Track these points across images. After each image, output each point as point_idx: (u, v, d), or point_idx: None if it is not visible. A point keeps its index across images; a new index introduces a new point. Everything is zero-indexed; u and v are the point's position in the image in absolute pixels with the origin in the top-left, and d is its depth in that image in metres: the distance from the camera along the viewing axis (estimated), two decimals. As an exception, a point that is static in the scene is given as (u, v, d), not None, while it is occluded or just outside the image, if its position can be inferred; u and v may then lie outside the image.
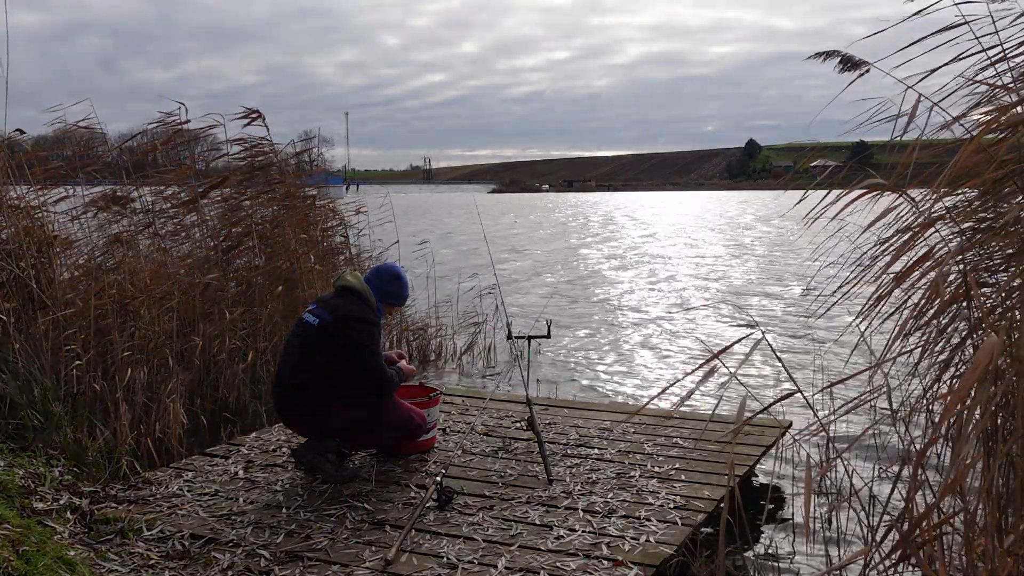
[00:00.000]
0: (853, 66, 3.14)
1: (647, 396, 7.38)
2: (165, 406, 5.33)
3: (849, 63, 3.15)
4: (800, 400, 2.59)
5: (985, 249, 3.07)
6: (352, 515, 3.78)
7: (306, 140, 8.55)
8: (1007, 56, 2.86)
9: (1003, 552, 2.18)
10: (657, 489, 4.12)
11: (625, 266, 20.07)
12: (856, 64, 3.13)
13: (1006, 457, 2.46)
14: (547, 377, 8.10)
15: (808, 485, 2.23)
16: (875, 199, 2.91)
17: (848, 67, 3.15)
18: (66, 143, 7.04)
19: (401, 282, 4.53)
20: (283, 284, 7.01)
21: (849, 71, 3.13)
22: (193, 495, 4.03)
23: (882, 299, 3.08)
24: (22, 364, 4.86)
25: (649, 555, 3.36)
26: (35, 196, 6.16)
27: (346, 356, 4.17)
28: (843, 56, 3.17)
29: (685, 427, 5.21)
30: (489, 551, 3.40)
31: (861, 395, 2.57)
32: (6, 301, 5.32)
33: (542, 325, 5.06)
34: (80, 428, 4.68)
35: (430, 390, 4.93)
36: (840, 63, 3.18)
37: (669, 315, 12.30)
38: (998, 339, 1.93)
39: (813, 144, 3.43)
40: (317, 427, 4.27)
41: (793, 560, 4.11)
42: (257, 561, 3.30)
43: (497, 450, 4.77)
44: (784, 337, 9.89)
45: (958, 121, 2.91)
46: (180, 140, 7.38)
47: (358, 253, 8.40)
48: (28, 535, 3.12)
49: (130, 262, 6.37)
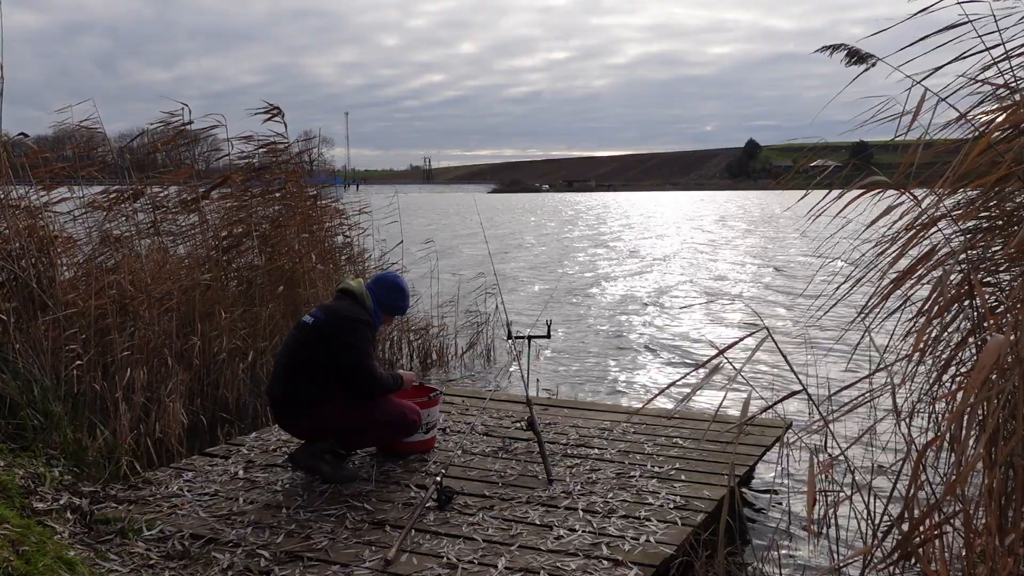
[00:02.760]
0: (860, 59, 3.14)
1: (647, 396, 7.37)
2: (165, 406, 5.33)
3: (856, 56, 3.15)
4: (800, 399, 2.59)
5: (988, 248, 3.07)
6: (352, 515, 3.77)
7: (307, 140, 8.56)
8: (1009, 55, 2.86)
9: (1003, 552, 2.17)
10: (657, 489, 4.11)
11: (625, 265, 20.07)
12: (863, 57, 3.13)
13: (1007, 458, 2.45)
14: (547, 377, 8.09)
15: (810, 484, 2.22)
16: (876, 199, 2.91)
17: (855, 60, 3.15)
18: (66, 143, 7.04)
19: (402, 293, 4.52)
20: (284, 284, 7.01)
21: (856, 64, 3.13)
22: (193, 495, 4.02)
23: (884, 298, 3.08)
24: (22, 364, 4.86)
25: (649, 555, 3.36)
26: (36, 196, 6.16)
27: (338, 356, 4.17)
28: (850, 49, 3.17)
29: (685, 427, 5.21)
30: (489, 551, 3.39)
31: (862, 394, 2.57)
32: (6, 301, 5.32)
33: (542, 325, 5.05)
34: (80, 428, 4.68)
35: (430, 390, 4.92)
36: (847, 56, 3.18)
37: (669, 315, 12.30)
38: (1004, 339, 1.92)
39: (813, 144, 3.43)
40: (314, 427, 4.26)
41: (793, 560, 4.10)
42: (257, 561, 3.29)
43: (497, 450, 4.76)
44: (784, 337, 9.89)
45: (965, 117, 2.90)
46: (183, 140, 7.39)
47: (360, 252, 8.40)
48: (28, 535, 3.12)
49: (130, 262, 6.37)
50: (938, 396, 3.20)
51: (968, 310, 2.93)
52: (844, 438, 5.16)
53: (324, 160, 9.01)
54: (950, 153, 2.89)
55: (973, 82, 2.95)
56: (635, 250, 24.95)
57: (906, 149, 2.84)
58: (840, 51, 3.20)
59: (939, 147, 3.01)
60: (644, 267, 19.70)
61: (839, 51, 3.21)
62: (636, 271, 18.86)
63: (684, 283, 16.35)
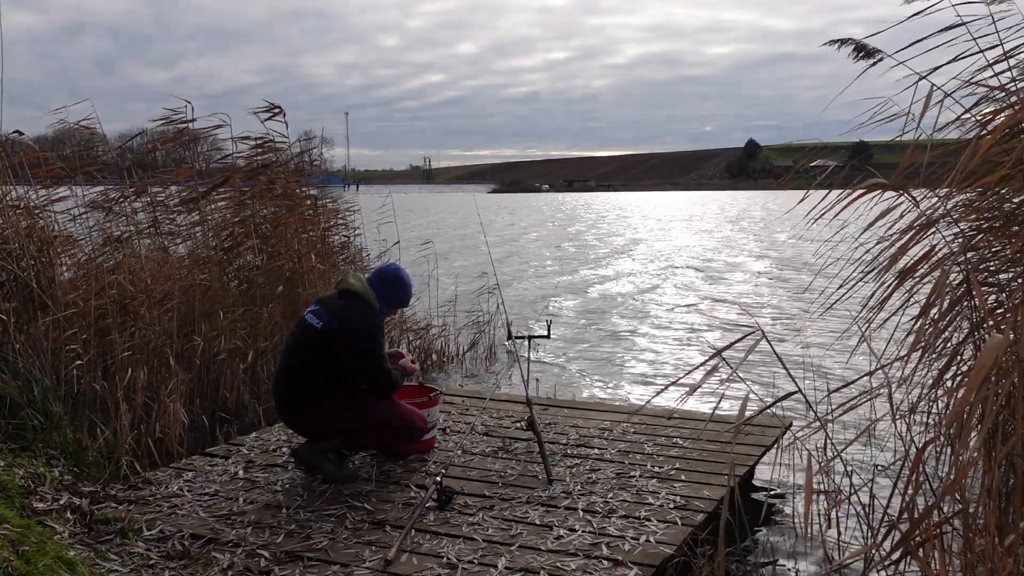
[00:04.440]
0: (867, 54, 3.14)
1: (647, 396, 7.37)
2: (165, 406, 5.33)
3: (863, 51, 3.16)
4: (799, 399, 2.59)
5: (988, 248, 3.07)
6: (352, 515, 3.78)
7: (307, 140, 8.55)
8: (1007, 56, 2.86)
9: (1003, 552, 2.18)
10: (657, 489, 4.11)
11: (626, 265, 20.07)
12: (870, 52, 3.13)
13: (1006, 458, 2.46)
14: (547, 377, 8.09)
15: (808, 484, 2.23)
16: (874, 201, 2.91)
17: (863, 55, 3.15)
18: (65, 143, 7.04)
19: (404, 284, 4.50)
20: (284, 284, 7.01)
21: (864, 59, 3.13)
22: (193, 495, 4.02)
23: (883, 299, 3.08)
24: (22, 364, 4.86)
25: (649, 555, 3.36)
26: (36, 196, 6.16)
27: (348, 360, 4.16)
28: (857, 44, 3.17)
29: (685, 427, 5.21)
30: (489, 551, 3.40)
31: (861, 394, 2.57)
32: (6, 301, 5.32)
33: (542, 325, 5.06)
34: (80, 428, 4.68)
35: (430, 390, 4.93)
36: (855, 50, 3.18)
37: (669, 314, 12.29)
38: (1003, 339, 1.92)
39: (813, 144, 3.43)
40: (316, 427, 4.27)
41: (793, 560, 4.11)
42: (257, 561, 3.30)
43: (497, 450, 4.77)
44: (783, 337, 9.88)
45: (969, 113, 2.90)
46: (184, 139, 7.39)
47: (359, 251, 8.40)
48: (28, 535, 3.12)
49: (131, 262, 6.37)
50: (939, 396, 3.20)
51: (967, 311, 2.93)
52: (844, 439, 5.17)
53: (324, 160, 9.00)
54: (950, 154, 2.90)
55: (969, 84, 2.95)
56: (636, 250, 24.95)
57: (905, 149, 2.84)
58: (848, 45, 3.21)
59: (938, 148, 3.01)
60: (645, 267, 19.70)
61: (847, 45, 3.21)
62: (636, 271, 18.85)
63: (684, 283, 16.35)
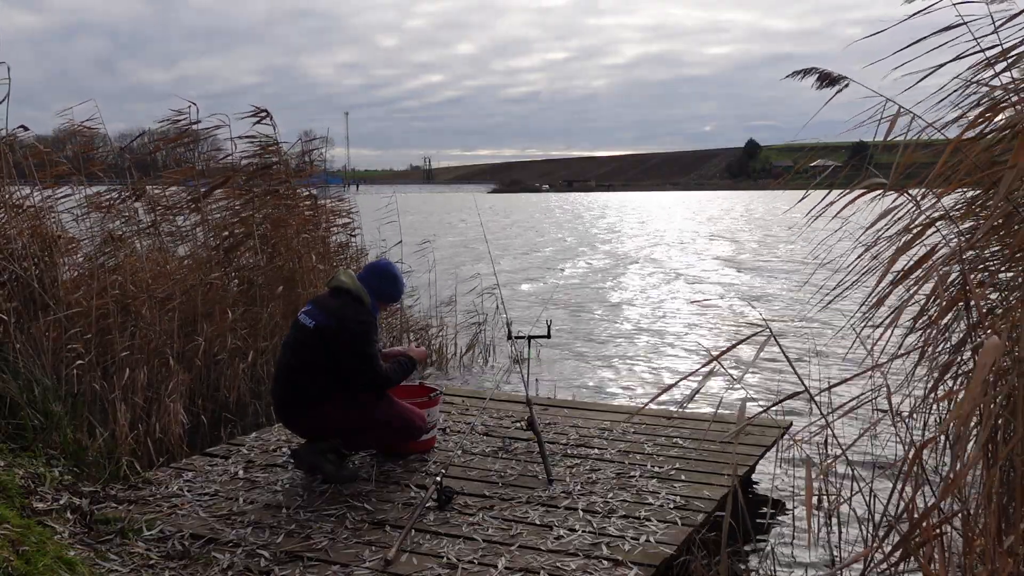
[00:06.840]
0: (832, 82, 3.15)
1: (647, 396, 7.38)
2: (165, 406, 5.33)
3: (827, 79, 3.16)
4: (800, 399, 2.59)
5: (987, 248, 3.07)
6: (352, 515, 3.78)
7: (307, 140, 8.56)
8: (1006, 56, 2.86)
9: (1003, 552, 2.18)
10: (657, 489, 4.11)
11: (626, 265, 20.07)
12: (834, 80, 3.14)
13: (1006, 458, 2.46)
14: (547, 377, 8.10)
15: (809, 485, 2.23)
16: (874, 201, 2.91)
17: (826, 83, 3.16)
18: (67, 143, 7.05)
19: (396, 280, 4.49)
20: (284, 284, 7.02)
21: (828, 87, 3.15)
22: (193, 495, 4.02)
23: (882, 299, 3.08)
24: (23, 364, 4.86)
25: (649, 555, 3.36)
26: (39, 196, 6.17)
27: (345, 359, 4.16)
28: (821, 73, 3.18)
29: (685, 427, 5.21)
30: (489, 551, 3.40)
31: (861, 395, 2.57)
32: (8, 301, 5.32)
33: (542, 325, 5.05)
34: (80, 428, 4.68)
35: (430, 390, 4.93)
36: (818, 80, 3.19)
37: (670, 314, 12.29)
38: (1000, 340, 1.92)
39: (813, 143, 3.43)
40: (315, 427, 4.27)
41: (793, 560, 4.11)
42: (257, 561, 3.30)
43: (497, 450, 4.77)
44: (784, 337, 9.89)
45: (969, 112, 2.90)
46: (186, 140, 7.40)
47: (360, 250, 8.40)
48: (28, 535, 3.12)
49: (132, 262, 6.38)
50: (939, 396, 3.20)
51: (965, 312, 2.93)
52: (844, 438, 5.18)
53: (323, 160, 9.00)
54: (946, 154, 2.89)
55: (969, 84, 2.96)
56: (636, 250, 24.94)
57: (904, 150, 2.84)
58: (811, 75, 3.22)
59: (937, 147, 3.01)
60: (644, 267, 19.70)
61: (810, 75, 3.22)
62: (637, 271, 18.85)
63: (685, 283, 16.35)
